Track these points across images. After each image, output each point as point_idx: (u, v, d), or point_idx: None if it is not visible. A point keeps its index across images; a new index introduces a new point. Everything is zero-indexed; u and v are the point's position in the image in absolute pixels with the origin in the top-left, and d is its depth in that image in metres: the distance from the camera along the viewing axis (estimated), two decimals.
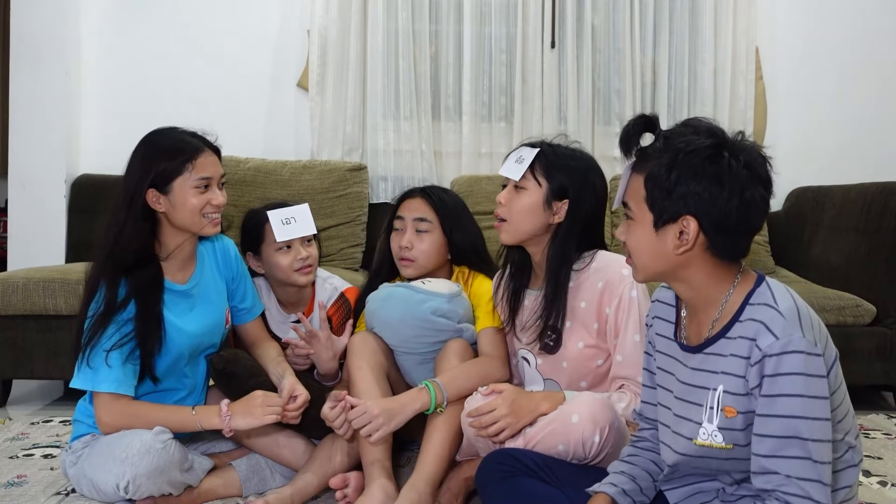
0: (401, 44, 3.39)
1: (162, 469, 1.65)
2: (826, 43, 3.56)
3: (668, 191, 1.24)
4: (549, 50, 3.42)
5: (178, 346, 1.80)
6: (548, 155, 1.81)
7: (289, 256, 2.07)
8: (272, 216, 2.03)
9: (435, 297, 1.89)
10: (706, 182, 1.21)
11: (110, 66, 3.40)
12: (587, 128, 3.46)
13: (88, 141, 3.37)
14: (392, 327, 1.92)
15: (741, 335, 1.23)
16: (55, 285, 2.54)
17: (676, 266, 1.29)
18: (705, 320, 1.31)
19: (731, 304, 1.27)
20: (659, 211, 1.26)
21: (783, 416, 1.17)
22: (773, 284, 1.27)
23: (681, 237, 1.26)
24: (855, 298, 2.70)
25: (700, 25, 3.48)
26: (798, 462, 1.16)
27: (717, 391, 1.25)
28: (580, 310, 1.77)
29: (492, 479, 1.56)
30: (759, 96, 3.51)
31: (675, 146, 1.25)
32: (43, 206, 3.19)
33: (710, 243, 1.25)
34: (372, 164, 3.40)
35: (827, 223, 3.07)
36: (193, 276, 1.87)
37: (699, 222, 1.24)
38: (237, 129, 3.24)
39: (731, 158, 1.22)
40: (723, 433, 1.25)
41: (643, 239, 1.30)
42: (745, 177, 1.21)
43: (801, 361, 1.16)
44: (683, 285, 1.32)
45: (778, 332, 1.18)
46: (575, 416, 1.57)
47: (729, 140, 1.25)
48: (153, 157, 1.75)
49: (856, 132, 3.57)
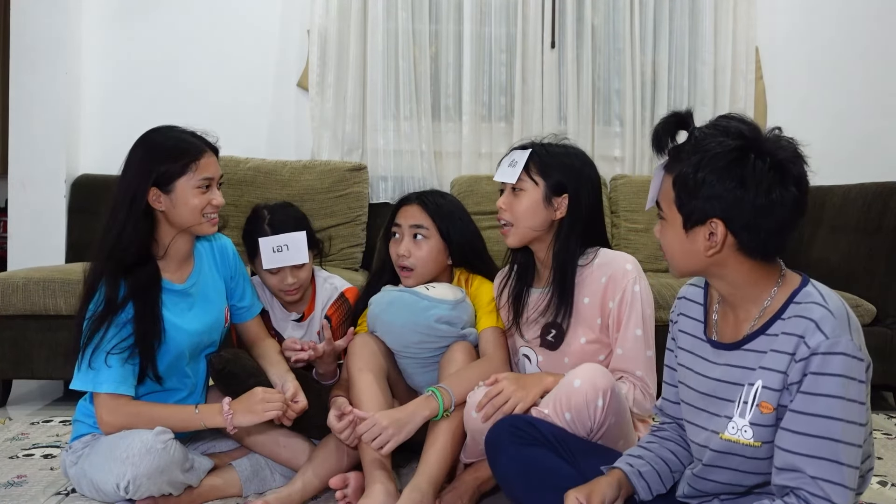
0: (401, 44, 3.39)
1: (162, 469, 1.65)
2: (826, 43, 3.57)
3: (695, 193, 1.24)
4: (549, 50, 3.43)
5: (177, 346, 1.80)
6: (540, 154, 1.82)
7: (275, 279, 2.06)
8: (263, 244, 1.99)
9: (439, 305, 1.90)
10: (730, 184, 1.21)
11: (110, 65, 3.41)
12: (587, 128, 3.47)
13: (88, 141, 3.37)
14: (395, 333, 1.92)
15: (785, 331, 1.23)
16: (55, 285, 2.54)
17: (710, 265, 1.29)
18: (744, 317, 1.31)
19: (775, 303, 1.27)
20: (687, 213, 1.26)
21: (821, 415, 1.17)
22: (819, 285, 1.26)
23: (710, 239, 1.25)
24: (855, 298, 2.69)
25: (700, 25, 3.49)
26: (826, 464, 1.16)
27: (754, 386, 1.24)
28: (583, 306, 1.78)
29: (504, 442, 1.53)
30: (759, 96, 3.52)
31: (702, 147, 1.24)
32: (43, 206, 3.19)
33: (741, 244, 1.25)
34: (372, 164, 3.40)
35: (827, 223, 3.06)
36: (191, 275, 1.87)
37: (726, 224, 1.23)
38: (237, 129, 3.25)
39: (757, 159, 1.21)
40: (753, 429, 1.25)
41: (675, 240, 1.30)
42: (770, 178, 1.20)
43: (847, 364, 1.16)
44: (722, 282, 1.32)
45: (828, 332, 1.17)
46: (577, 381, 1.58)
47: (759, 139, 1.23)
48: (156, 157, 1.75)
49: (856, 132, 3.57)
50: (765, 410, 1.23)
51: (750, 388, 1.25)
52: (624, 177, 3.43)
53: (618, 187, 3.38)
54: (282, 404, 1.76)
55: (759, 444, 1.24)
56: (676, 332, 1.45)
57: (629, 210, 3.31)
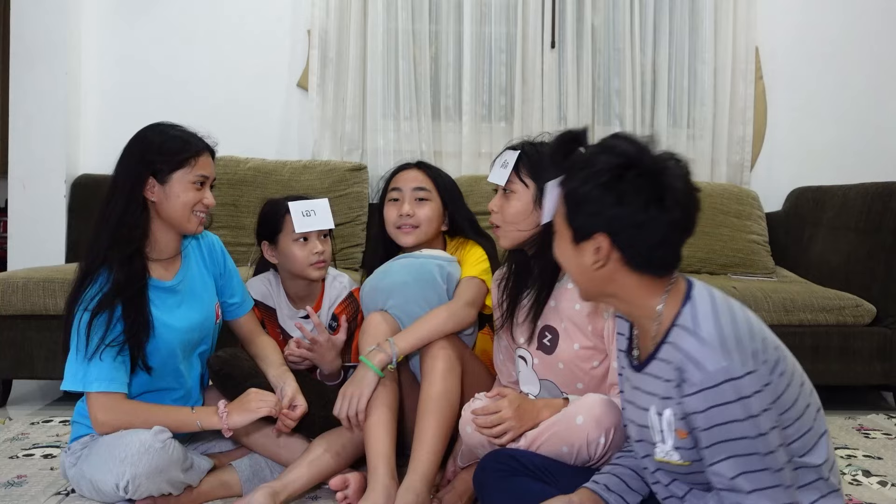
0: (401, 44, 3.39)
1: (161, 469, 1.65)
2: (826, 42, 3.56)
3: (581, 208, 1.27)
4: (549, 50, 3.42)
5: (168, 343, 1.81)
6: (530, 155, 1.79)
7: (305, 249, 2.05)
8: (293, 207, 2.03)
9: (436, 258, 1.95)
10: (609, 199, 1.24)
11: (110, 65, 3.40)
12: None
13: (88, 141, 3.36)
14: (397, 290, 1.91)
15: (668, 359, 1.25)
16: (55, 285, 2.54)
17: (601, 281, 1.31)
18: (646, 335, 1.33)
19: (664, 321, 1.28)
20: (576, 227, 1.29)
21: (737, 438, 1.17)
22: (697, 301, 1.26)
23: (597, 253, 1.28)
24: (855, 298, 2.70)
25: (700, 25, 3.47)
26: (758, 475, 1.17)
27: (663, 416, 1.27)
28: (575, 312, 1.74)
29: (490, 478, 1.56)
30: (759, 96, 3.51)
31: (589, 164, 1.28)
32: (43, 206, 3.18)
33: (625, 257, 1.27)
34: (372, 165, 3.39)
35: (827, 223, 3.06)
36: (179, 272, 1.88)
37: (611, 238, 1.26)
38: (237, 129, 3.24)
39: (639, 177, 1.23)
40: (679, 452, 1.27)
41: (567, 254, 1.34)
42: (647, 195, 1.22)
43: (737, 387, 1.16)
44: (615, 300, 1.34)
45: (708, 365, 1.17)
46: (579, 418, 1.55)
47: (644, 159, 1.25)
48: (159, 148, 1.78)
49: (856, 132, 3.56)
50: (681, 436, 1.25)
51: (660, 418, 1.27)
52: None
53: None
54: (275, 402, 1.78)
55: (690, 462, 1.27)
56: (616, 351, 1.48)
57: None
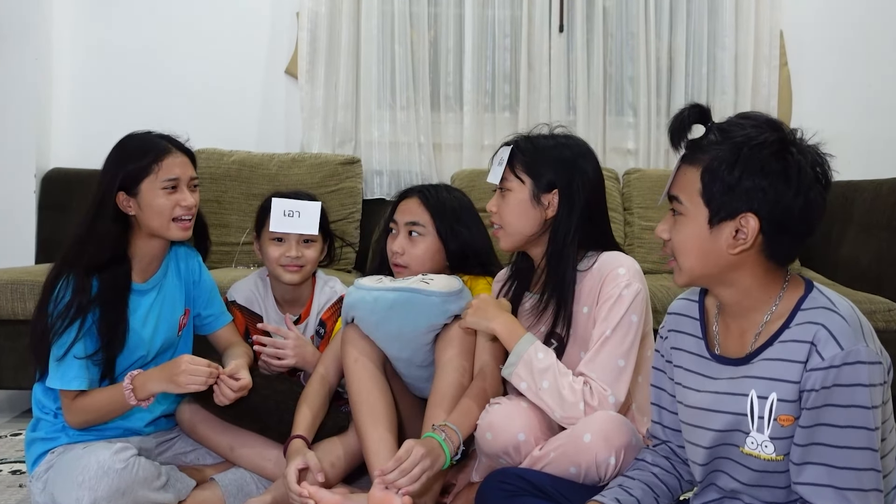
0: (397, 27, 3.34)
1: (124, 490, 1.63)
2: (855, 26, 3.51)
3: (730, 186, 1.23)
4: (557, 34, 3.39)
5: (133, 346, 1.83)
6: (524, 150, 1.77)
7: (278, 250, 2.03)
8: (276, 203, 2.01)
9: (437, 294, 1.78)
10: (773, 178, 1.21)
11: (84, 51, 3.34)
12: (598, 118, 3.43)
13: (60, 133, 3.32)
14: (405, 339, 1.82)
15: (795, 339, 1.23)
16: (24, 288, 2.49)
17: (726, 267, 1.27)
18: (748, 326, 1.31)
19: (780, 310, 1.27)
20: (717, 207, 1.24)
21: (846, 426, 1.18)
22: (825, 290, 1.27)
23: (736, 236, 1.24)
24: (887, 302, 2.64)
25: (720, 7, 3.44)
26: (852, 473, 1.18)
27: (768, 399, 1.24)
28: (582, 315, 1.72)
29: (495, 497, 1.55)
30: (784, 84, 3.47)
31: (735, 139, 1.23)
32: (11, 202, 3.13)
33: (767, 244, 1.25)
34: (366, 158, 3.36)
35: (857, 220, 3.04)
36: (155, 276, 1.91)
37: (760, 221, 1.23)
38: (221, 120, 3.25)
39: (799, 155, 1.22)
40: (774, 443, 1.24)
41: (693, 236, 1.28)
42: (810, 176, 1.21)
43: (870, 371, 1.17)
44: (729, 289, 1.30)
45: (843, 342, 1.18)
46: (587, 436, 1.53)
47: (794, 136, 1.25)
48: (121, 160, 1.82)
49: (887, 122, 3.52)
50: (785, 423, 1.23)
51: (764, 402, 1.25)
52: (638, 171, 3.36)
53: (631, 182, 3.32)
54: (207, 377, 1.71)
55: (782, 457, 1.25)
56: (668, 349, 1.45)
57: (644, 207, 3.24)
